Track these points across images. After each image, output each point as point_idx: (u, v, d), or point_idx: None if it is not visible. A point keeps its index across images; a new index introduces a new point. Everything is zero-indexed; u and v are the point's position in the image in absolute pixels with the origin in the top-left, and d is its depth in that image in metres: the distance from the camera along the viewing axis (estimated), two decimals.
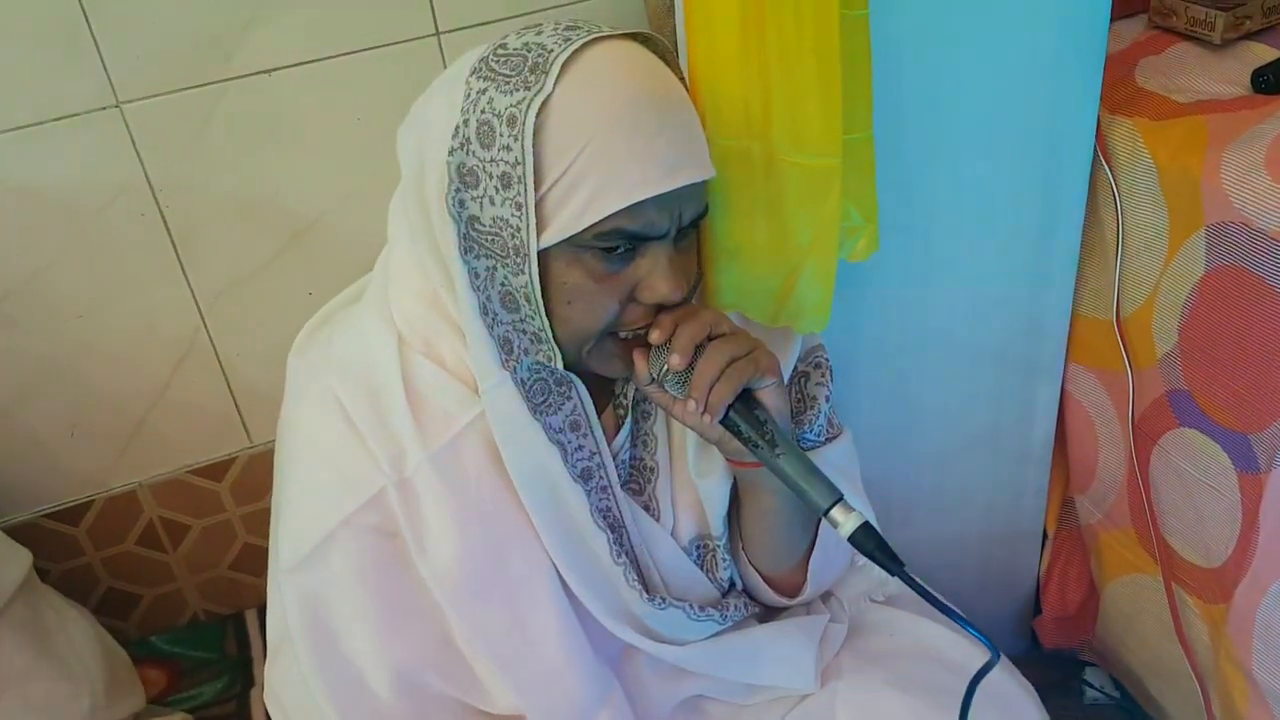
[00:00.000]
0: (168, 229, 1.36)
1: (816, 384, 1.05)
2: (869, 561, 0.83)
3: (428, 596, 0.88)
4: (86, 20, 1.22)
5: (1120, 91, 1.20)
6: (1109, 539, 1.38)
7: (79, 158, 1.29)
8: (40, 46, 1.22)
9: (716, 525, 0.99)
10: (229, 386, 1.49)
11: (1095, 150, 1.19)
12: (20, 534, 1.40)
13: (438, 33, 1.35)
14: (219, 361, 1.47)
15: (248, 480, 1.55)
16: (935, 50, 1.08)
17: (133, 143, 1.30)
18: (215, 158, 1.34)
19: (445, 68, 1.03)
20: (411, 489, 0.86)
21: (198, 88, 1.29)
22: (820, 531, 1.00)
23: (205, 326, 1.44)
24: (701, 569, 1.00)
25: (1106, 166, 1.19)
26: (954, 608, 0.85)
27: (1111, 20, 1.12)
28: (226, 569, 1.62)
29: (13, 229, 1.30)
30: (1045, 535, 1.51)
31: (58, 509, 1.48)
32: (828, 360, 1.06)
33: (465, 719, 0.92)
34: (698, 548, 1.00)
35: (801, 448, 1.02)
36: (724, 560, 1.01)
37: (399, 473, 0.86)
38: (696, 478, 0.97)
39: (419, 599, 0.88)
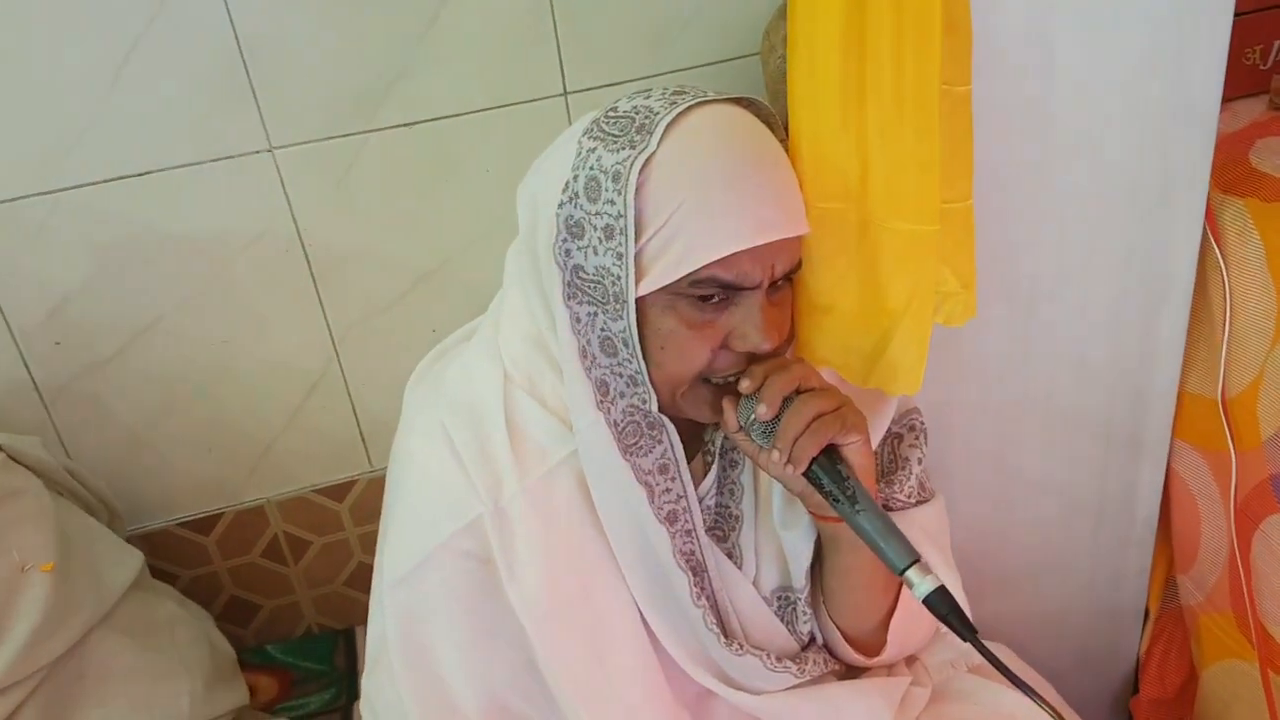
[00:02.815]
0: (309, 265, 1.44)
1: (909, 446, 1.05)
2: None
3: (515, 622, 0.90)
4: (247, 70, 1.31)
5: (1233, 171, 1.18)
6: (1209, 622, 1.34)
7: (232, 196, 1.37)
8: (203, 92, 1.31)
9: (799, 577, 1.00)
10: (355, 414, 1.56)
11: (1205, 228, 1.18)
12: (154, 540, 1.50)
13: (565, 93, 1.41)
14: (347, 390, 1.53)
15: (366, 502, 1.61)
16: (1042, 121, 1.08)
17: (282, 184, 1.38)
18: (355, 202, 1.41)
19: (570, 124, 1.08)
20: (506, 517, 0.90)
21: (344, 137, 1.37)
22: (903, 594, 0.99)
23: (337, 357, 1.51)
24: (782, 620, 1.00)
25: (1215, 245, 1.17)
26: (1024, 681, 0.82)
27: (1230, 100, 1.11)
28: (341, 585, 1.68)
29: (168, 258, 1.39)
30: (1147, 614, 1.47)
31: (191, 519, 1.56)
32: (923, 424, 1.06)
33: None
34: (779, 599, 1.01)
35: (890, 508, 1.03)
36: (805, 613, 1.01)
37: (495, 501, 0.90)
38: (781, 529, 0.98)
39: (507, 624, 0.91)
